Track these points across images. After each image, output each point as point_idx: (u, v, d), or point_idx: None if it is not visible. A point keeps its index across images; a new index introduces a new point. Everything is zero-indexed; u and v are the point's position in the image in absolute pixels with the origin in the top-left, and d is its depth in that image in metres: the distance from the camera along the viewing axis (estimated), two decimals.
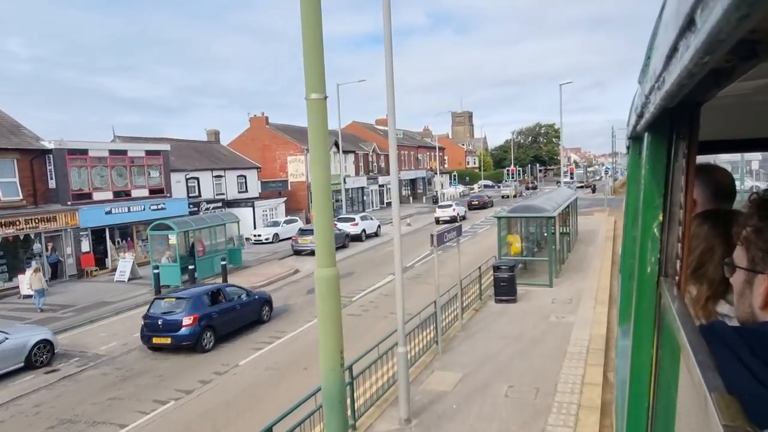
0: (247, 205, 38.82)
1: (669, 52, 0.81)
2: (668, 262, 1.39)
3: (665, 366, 1.31)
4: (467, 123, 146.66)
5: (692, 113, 1.25)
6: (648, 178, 1.42)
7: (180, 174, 34.62)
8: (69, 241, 25.67)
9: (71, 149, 26.47)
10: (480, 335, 13.14)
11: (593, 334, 12.51)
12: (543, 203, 18.88)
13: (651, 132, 1.39)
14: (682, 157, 1.31)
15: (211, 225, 24.14)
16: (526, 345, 12.17)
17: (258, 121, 47.73)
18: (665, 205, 1.37)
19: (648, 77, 1.14)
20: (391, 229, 36.53)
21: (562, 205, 20.09)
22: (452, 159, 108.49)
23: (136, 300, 20.73)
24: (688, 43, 0.68)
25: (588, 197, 56.78)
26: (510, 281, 15.68)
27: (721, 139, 2.37)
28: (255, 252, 32.18)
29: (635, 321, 1.48)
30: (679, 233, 1.34)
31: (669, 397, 1.19)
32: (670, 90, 0.90)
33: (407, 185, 70.29)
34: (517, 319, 14.23)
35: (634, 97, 1.61)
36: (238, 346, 15.18)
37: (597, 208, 46.88)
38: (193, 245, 24.04)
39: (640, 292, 1.46)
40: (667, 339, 1.25)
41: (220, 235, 25.69)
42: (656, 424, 1.42)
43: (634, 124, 1.57)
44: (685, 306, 1.19)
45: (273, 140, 47.26)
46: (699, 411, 0.79)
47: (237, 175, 40.68)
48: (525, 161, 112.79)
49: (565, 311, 14.71)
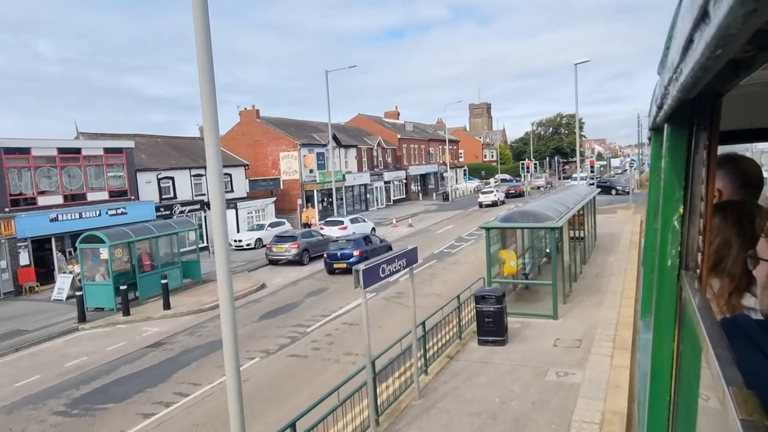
0: (229, 206, 35.25)
1: (685, 43, 0.80)
2: (689, 255, 1.37)
3: (686, 360, 1.32)
4: (485, 115, 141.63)
5: (713, 104, 1.25)
6: (668, 170, 1.40)
7: (151, 173, 31.21)
8: (4, 253, 22.37)
9: (8, 148, 23.14)
10: (442, 407, 9.17)
11: (608, 409, 8.49)
12: (546, 208, 14.79)
13: (671, 123, 1.38)
14: (702, 148, 1.29)
15: (156, 235, 20.53)
16: (507, 429, 8.20)
17: (248, 114, 44.12)
18: (686, 197, 1.35)
19: (667, 68, 1.13)
20: (390, 231, 32.63)
21: (572, 209, 15.96)
22: (468, 152, 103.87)
23: (52, 329, 17.23)
24: (703, 35, 0.67)
25: (605, 195, 52.12)
26: (497, 316, 11.70)
27: (744, 128, 2.30)
28: (230, 261, 28.57)
29: (656, 314, 1.47)
30: (700, 226, 1.33)
31: (690, 392, 1.20)
32: (685, 82, 0.89)
33: (417, 181, 66.17)
34: (502, 377, 10.24)
35: (654, 88, 1.61)
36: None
37: (620, 204, 42.26)
38: (139, 259, 20.51)
39: (661, 285, 1.45)
40: (688, 333, 1.26)
41: (175, 245, 22.10)
42: (678, 418, 1.40)
43: (655, 115, 1.58)
44: (706, 299, 1.18)
45: (264, 135, 43.62)
46: (718, 405, 0.80)
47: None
48: (545, 154, 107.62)
49: (570, 362, 10.67)
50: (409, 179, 63.09)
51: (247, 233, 33.43)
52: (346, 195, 48.28)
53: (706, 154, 1.28)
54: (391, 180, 58.49)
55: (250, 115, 44.05)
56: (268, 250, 26.27)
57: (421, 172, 66.70)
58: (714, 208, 1.60)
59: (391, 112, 73.38)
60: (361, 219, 32.83)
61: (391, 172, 58.49)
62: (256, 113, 43.96)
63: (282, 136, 42.98)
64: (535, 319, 13.35)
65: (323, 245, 27.57)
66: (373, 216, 47.55)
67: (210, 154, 5.48)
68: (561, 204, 15.99)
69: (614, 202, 44.30)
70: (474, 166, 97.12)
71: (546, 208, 14.89)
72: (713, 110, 1.25)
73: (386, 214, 47.41)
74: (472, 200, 57.46)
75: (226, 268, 5.50)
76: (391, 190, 58.70)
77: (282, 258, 25.70)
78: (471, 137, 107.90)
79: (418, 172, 66.01)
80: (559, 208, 15.03)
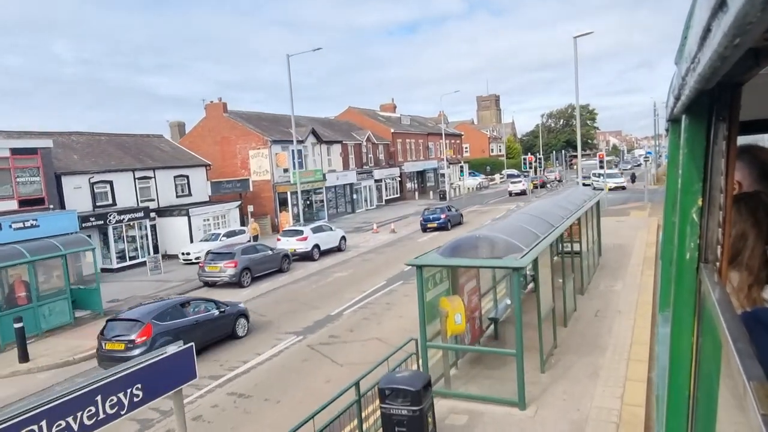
0: (180, 213, 30.80)
1: (703, 32, 0.79)
2: (708, 248, 1.35)
3: (706, 354, 1.30)
4: (494, 107, 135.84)
5: (732, 93, 1.22)
6: (686, 162, 1.38)
7: (82, 177, 26.82)
8: None
9: None
10: None
11: None
12: (516, 229, 9.96)
13: (689, 114, 1.36)
14: (722, 139, 1.27)
15: (27, 260, 16.00)
16: None
17: (214, 108, 39.52)
18: (704, 189, 1.33)
19: (684, 58, 1.12)
20: (368, 239, 27.56)
21: (558, 227, 11.14)
22: (474, 147, 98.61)
23: None
24: (720, 23, 0.66)
25: (619, 193, 46.83)
26: (416, 423, 6.98)
27: (766, 118, 2.17)
28: (163, 280, 24.10)
29: (674, 308, 1.46)
30: (720, 218, 1.31)
31: (710, 386, 1.18)
32: (703, 72, 0.88)
33: (413, 178, 61.30)
34: None
35: (672, 79, 1.59)
36: None
37: (634, 204, 37.11)
38: (11, 289, 16.08)
39: (680, 278, 1.43)
40: (708, 326, 1.24)
41: (66, 270, 17.59)
42: (697, 413, 1.39)
43: (672, 106, 1.56)
44: (726, 293, 1.16)
45: (232, 131, 39.05)
46: (739, 400, 0.79)
47: (174, 175, 32.65)
48: (556, 147, 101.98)
49: None
50: (404, 177, 58.24)
51: (198, 244, 28.90)
52: (328, 196, 43.65)
53: (726, 145, 1.26)
54: (383, 178, 53.70)
55: (216, 109, 39.50)
56: (200, 270, 21.70)
57: (417, 168, 61.82)
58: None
59: (387, 105, 68.43)
60: (327, 227, 28.09)
61: (383, 169, 53.69)
62: (223, 107, 39.38)
63: (251, 131, 38.37)
64: (491, 407, 8.58)
65: (272, 262, 22.99)
66: (359, 219, 42.83)
67: None
68: (542, 221, 11.13)
69: (628, 201, 39.16)
70: (480, 161, 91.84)
71: (517, 229, 10.04)
72: (732, 100, 1.23)
73: (372, 217, 42.68)
74: (473, 199, 52.57)
75: None
76: (383, 189, 53.92)
77: (217, 279, 21.14)
78: (477, 131, 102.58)
79: (415, 169, 61.13)
80: (536, 229, 10.17)
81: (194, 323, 13.29)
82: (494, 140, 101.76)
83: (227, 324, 14.32)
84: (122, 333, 12.28)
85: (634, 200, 39.10)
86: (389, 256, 25.18)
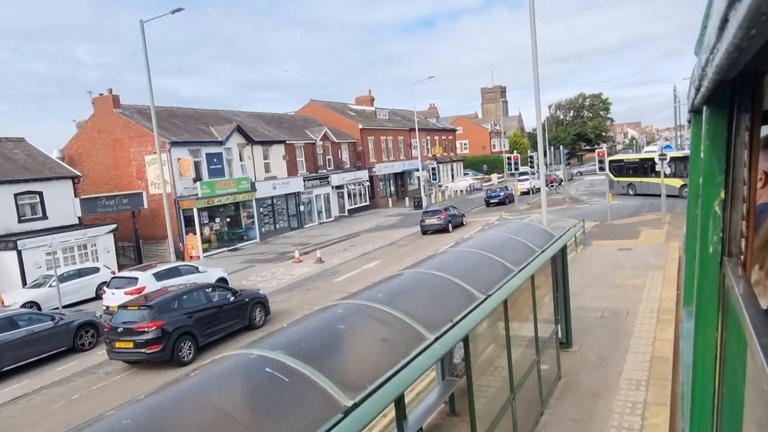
0: (7, 247, 22.26)
1: (720, 23, 0.77)
2: (731, 241, 1.30)
3: (731, 349, 1.27)
4: (499, 99, 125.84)
5: (754, 83, 1.19)
6: (708, 154, 1.34)
7: None
8: None
9: None
10: None
11: None
12: None
13: (710, 105, 1.31)
14: (744, 130, 1.23)
15: None
16: None
17: (103, 103, 30.84)
18: (727, 182, 1.29)
19: (704, 48, 1.09)
20: (279, 274, 17.69)
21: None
22: (475, 143, 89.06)
23: None
24: (737, 14, 0.66)
25: (627, 200, 37.27)
26: None
27: None
28: None
29: (698, 303, 1.42)
30: (744, 211, 1.27)
31: (735, 382, 1.17)
32: (721, 63, 0.86)
33: (388, 180, 52.30)
34: None
35: (693, 69, 1.53)
36: None
37: (648, 216, 27.66)
38: None
39: (703, 272, 1.39)
40: (732, 321, 1.23)
41: None
42: (723, 409, 1.34)
43: (693, 97, 1.52)
44: (750, 287, 1.12)
45: (125, 131, 30.43)
46: (765, 396, 0.77)
47: (16, 192, 24.12)
48: (566, 140, 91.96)
49: None
50: (375, 181, 49.28)
51: (22, 291, 20.42)
52: (261, 210, 34.87)
53: (748, 136, 1.23)
54: (345, 184, 44.69)
55: (105, 104, 30.85)
56: None
57: (394, 170, 52.79)
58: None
59: (363, 98, 59.29)
60: (193, 268, 19.26)
61: (345, 173, 44.70)
62: (113, 100, 30.73)
63: (147, 132, 29.64)
64: None
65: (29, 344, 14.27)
66: (302, 237, 33.98)
67: None
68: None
69: (640, 211, 29.68)
70: (478, 159, 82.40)
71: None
72: (755, 90, 1.20)
73: (319, 235, 33.87)
74: (458, 204, 43.46)
75: None
76: (346, 196, 44.95)
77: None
78: (477, 125, 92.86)
79: (390, 171, 52.10)
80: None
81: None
82: (496, 135, 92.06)
83: None
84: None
85: (647, 210, 29.65)
86: (305, 298, 16.25)
